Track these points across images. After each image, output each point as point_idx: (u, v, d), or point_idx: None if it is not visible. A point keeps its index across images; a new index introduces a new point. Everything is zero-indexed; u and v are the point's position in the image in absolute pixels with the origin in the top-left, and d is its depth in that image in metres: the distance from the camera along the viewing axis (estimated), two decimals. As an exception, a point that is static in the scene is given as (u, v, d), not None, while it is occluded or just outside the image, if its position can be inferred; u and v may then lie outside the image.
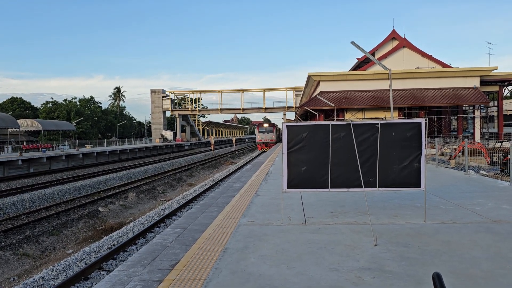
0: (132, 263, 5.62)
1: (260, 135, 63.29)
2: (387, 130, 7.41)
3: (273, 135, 62.03)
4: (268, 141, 62.26)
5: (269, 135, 62.17)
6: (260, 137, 63.27)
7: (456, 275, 4.81)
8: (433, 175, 14.71)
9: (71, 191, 22.29)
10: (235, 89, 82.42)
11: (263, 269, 5.18)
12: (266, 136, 62.09)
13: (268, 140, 62.18)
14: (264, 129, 62.98)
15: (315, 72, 43.28)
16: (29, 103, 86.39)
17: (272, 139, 62.02)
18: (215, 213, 8.90)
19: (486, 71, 42.21)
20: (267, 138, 62.26)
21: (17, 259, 11.64)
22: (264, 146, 62.36)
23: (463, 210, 8.47)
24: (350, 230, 7.05)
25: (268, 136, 62.21)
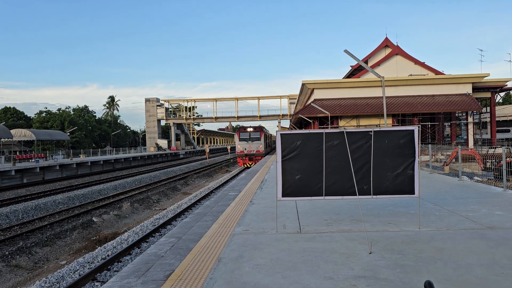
0: (126, 274, 5.58)
1: (242, 144, 44.08)
2: (380, 137, 7.45)
3: (260, 143, 43.47)
4: (253, 153, 43.49)
5: (254, 144, 43.64)
6: (242, 147, 44.04)
7: (451, 282, 4.81)
8: (427, 182, 14.77)
9: (64, 201, 22.12)
10: (230, 97, 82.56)
11: (258, 278, 5.15)
12: (250, 145, 43.66)
13: (253, 151, 43.51)
14: (247, 135, 44.24)
15: (309, 80, 43.51)
16: (22, 112, 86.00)
17: (259, 150, 43.42)
18: (210, 222, 8.86)
19: (478, 78, 42.66)
20: (251, 148, 43.58)
21: (10, 271, 11.50)
22: (248, 161, 43.62)
23: (457, 217, 8.50)
24: (345, 238, 7.05)
25: (253, 146, 43.53)
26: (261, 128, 45.64)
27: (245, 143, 43.36)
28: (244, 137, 43.85)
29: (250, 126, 44.83)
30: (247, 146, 43.40)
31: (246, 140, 43.53)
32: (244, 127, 45.34)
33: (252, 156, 43.22)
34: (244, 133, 44.18)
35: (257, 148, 43.40)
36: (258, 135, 43.88)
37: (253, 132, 44.13)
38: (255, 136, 43.81)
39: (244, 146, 43.58)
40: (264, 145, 45.18)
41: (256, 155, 43.17)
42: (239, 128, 46.14)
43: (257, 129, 44.86)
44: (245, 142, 43.37)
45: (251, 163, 42.61)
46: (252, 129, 44.43)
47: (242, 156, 43.96)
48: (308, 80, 43.44)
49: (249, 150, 43.35)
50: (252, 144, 43.33)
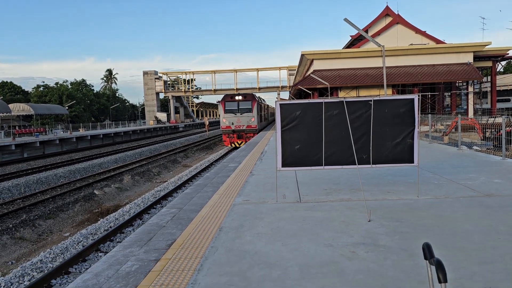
0: (128, 244, 5.66)
1: (228, 117, 33.67)
2: (380, 107, 7.41)
3: (251, 116, 33.49)
4: (243, 129, 33.46)
5: (244, 117, 33.50)
6: (228, 121, 33.66)
7: (449, 248, 4.89)
8: (426, 152, 14.82)
9: (66, 175, 22.25)
10: (229, 69, 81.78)
11: (259, 246, 5.24)
12: (239, 119, 33.46)
13: (243, 126, 33.44)
14: (234, 106, 33.77)
15: (309, 50, 42.96)
16: (19, 87, 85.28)
17: (250, 125, 33.44)
18: (210, 193, 8.94)
19: (480, 47, 42.12)
20: (240, 122, 33.47)
21: (15, 243, 11.69)
22: (236, 139, 33.71)
23: (456, 185, 8.57)
24: (344, 206, 7.12)
25: (243, 120, 33.46)
26: (253, 96, 34.54)
27: (232, 116, 33.08)
28: (230, 108, 33.24)
29: (238, 94, 34.09)
30: (235, 120, 33.03)
31: (233, 112, 33.13)
32: (230, 95, 34.23)
33: (241, 133, 33.18)
34: (231, 103, 33.37)
35: (248, 123, 32.97)
36: (249, 105, 33.21)
37: (243, 101, 33.27)
38: (245, 106, 33.21)
39: (230, 120, 33.12)
40: (258, 118, 34.20)
41: (247, 132, 33.13)
42: (224, 96, 33.72)
43: (248, 97, 33.75)
44: (232, 115, 33.06)
45: (241, 142, 33.15)
46: (241, 97, 33.42)
47: (228, 132, 33.46)
48: (308, 51, 42.89)
49: (237, 125, 33.02)
50: (242, 117, 32.96)
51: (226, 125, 33.32)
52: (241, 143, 33.09)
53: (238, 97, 33.62)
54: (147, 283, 4.27)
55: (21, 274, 8.53)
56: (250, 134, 33.06)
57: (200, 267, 4.62)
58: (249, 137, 32.27)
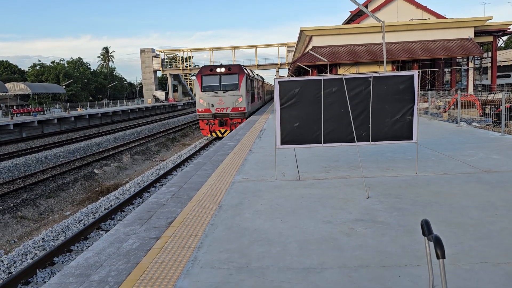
0: (129, 222, 5.70)
1: (206, 97, 24.83)
2: (379, 83, 7.35)
3: (238, 96, 24.76)
4: (227, 112, 24.82)
5: (229, 97, 24.78)
6: (206, 103, 24.91)
7: (447, 224, 4.94)
8: (426, 128, 14.81)
9: (65, 154, 22.26)
10: (227, 47, 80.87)
11: (258, 223, 5.28)
12: (221, 99, 24.76)
13: (227, 109, 24.75)
14: (215, 81, 24.90)
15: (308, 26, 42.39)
16: (15, 66, 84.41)
17: (237, 107, 24.75)
18: (209, 171, 8.96)
19: (481, 22, 41.56)
20: (223, 104, 24.79)
21: (16, 222, 11.79)
22: (218, 127, 25.12)
23: (454, 161, 8.59)
24: (343, 184, 7.15)
25: (227, 100, 24.80)
26: (240, 68, 24.87)
27: (212, 96, 24.19)
28: (210, 85, 24.27)
29: (221, 65, 24.66)
30: (216, 100, 24.20)
31: (213, 89, 24.27)
32: (210, 67, 24.82)
33: (225, 119, 24.39)
34: (210, 77, 24.32)
35: (234, 104, 24.19)
36: (235, 80, 24.31)
37: (227, 75, 24.34)
38: (229, 81, 24.38)
39: (210, 100, 24.21)
40: (248, 98, 25.58)
41: (233, 117, 24.33)
42: (202, 68, 24.92)
43: (234, 70, 24.49)
44: (212, 94, 24.20)
45: (224, 131, 24.71)
46: (224, 70, 24.35)
47: (207, 118, 24.40)
48: (307, 27, 42.31)
49: (219, 108, 24.22)
50: (225, 96, 24.17)
51: (203, 108, 24.10)
52: (224, 132, 24.58)
53: (220, 69, 24.16)
54: (148, 261, 4.32)
55: (24, 253, 8.63)
56: (237, 119, 24.38)
57: (200, 245, 4.66)
58: (236, 124, 24.08)
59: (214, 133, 25.18)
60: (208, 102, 24.53)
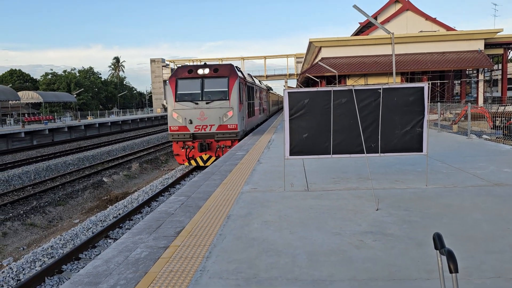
0: (138, 231, 5.72)
1: (181, 110, 16.98)
2: (389, 95, 7.34)
3: (228, 108, 16.95)
4: (212, 132, 17.05)
5: (214, 109, 16.92)
6: (182, 118, 16.99)
7: (457, 237, 4.88)
8: (435, 140, 14.71)
9: (75, 162, 22.46)
10: (236, 57, 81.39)
11: (267, 234, 5.27)
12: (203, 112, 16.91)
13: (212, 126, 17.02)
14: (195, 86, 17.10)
15: (317, 38, 42.58)
16: (28, 75, 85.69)
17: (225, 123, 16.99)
18: (218, 181, 8.98)
19: (491, 34, 41.43)
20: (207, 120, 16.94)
21: (26, 229, 11.88)
22: (198, 152, 17.37)
23: (465, 174, 8.51)
24: (352, 195, 7.12)
25: (212, 114, 16.93)
26: (231, 69, 17.88)
27: (190, 108, 17.18)
28: (187, 92, 17.38)
29: (205, 64, 17.77)
30: (196, 114, 17.17)
31: (193, 98, 17.28)
32: (188, 68, 17.75)
33: (208, 141, 17.44)
34: (188, 82, 17.39)
35: (222, 120, 17.22)
36: (223, 86, 17.36)
37: (212, 79, 17.38)
38: (216, 87, 17.41)
39: (187, 114, 17.22)
40: (242, 110, 18.54)
41: (220, 138, 17.33)
42: (177, 69, 18.00)
43: (222, 71, 17.54)
44: (191, 105, 17.19)
45: (208, 157, 17.66)
46: (208, 71, 17.37)
47: (182, 139, 17.41)
48: (316, 38, 42.50)
49: (200, 126, 17.24)
50: (209, 109, 17.16)
51: (178, 125, 17.00)
52: (208, 159, 17.40)
53: (202, 70, 17.09)
54: (157, 270, 4.32)
55: (33, 260, 8.68)
56: (225, 142, 17.19)
57: (209, 255, 4.66)
58: (225, 148, 17.20)
59: (194, 161, 17.35)
60: (184, 117, 16.69)
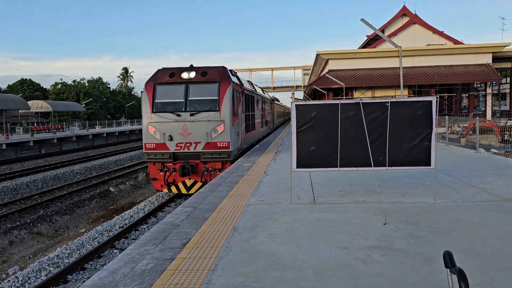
0: (144, 242, 5.72)
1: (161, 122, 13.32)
2: (397, 108, 7.33)
3: (217, 122, 13.26)
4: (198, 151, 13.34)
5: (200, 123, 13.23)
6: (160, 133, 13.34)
7: (466, 253, 4.82)
8: (443, 154, 14.61)
9: (82, 171, 22.58)
10: (243, 69, 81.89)
11: (273, 247, 5.24)
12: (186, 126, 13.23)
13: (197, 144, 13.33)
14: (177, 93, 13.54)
15: (324, 50, 42.77)
16: (38, 84, 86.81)
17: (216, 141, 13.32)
18: (224, 192, 8.97)
19: (499, 48, 41.36)
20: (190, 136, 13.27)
21: (32, 238, 11.91)
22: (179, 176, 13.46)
23: (473, 189, 8.43)
24: (359, 209, 7.07)
25: (197, 128, 13.24)
26: (223, 72, 14.04)
27: (171, 121, 13.44)
28: (167, 101, 13.83)
29: (191, 66, 14.05)
30: (177, 129, 13.43)
31: (174, 109, 13.64)
32: (169, 71, 14.06)
33: (193, 162, 13.67)
34: (169, 88, 13.81)
35: (210, 137, 13.44)
36: (212, 94, 13.64)
37: (198, 84, 13.71)
38: (203, 95, 13.73)
39: (166, 128, 13.49)
40: (237, 124, 14.79)
41: (208, 158, 13.61)
42: (157, 72, 14.17)
43: (212, 75, 13.82)
44: (171, 117, 13.44)
45: (192, 183, 13.98)
46: (194, 74, 13.77)
47: (161, 160, 13.70)
48: (323, 51, 42.69)
49: (183, 144, 13.48)
50: (194, 123, 13.38)
51: (155, 142, 13.62)
52: (192, 185, 13.99)
53: (187, 74, 13.87)
54: (162, 282, 4.31)
55: (38, 269, 8.69)
56: (215, 164, 13.85)
57: (215, 267, 4.64)
58: (214, 172, 13.74)
59: (175, 187, 14.02)
60: (163, 133, 13.33)
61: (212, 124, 13.41)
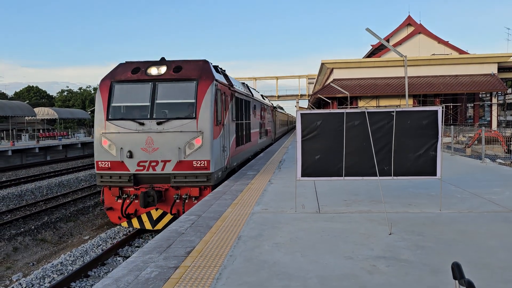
0: (148, 250, 5.70)
1: (116, 132, 10.23)
2: (402, 118, 7.32)
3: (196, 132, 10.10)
4: (169, 173, 10.20)
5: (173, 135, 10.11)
6: (117, 148, 10.26)
7: (473, 265, 4.77)
8: (449, 164, 14.54)
9: (87, 178, 22.63)
10: (248, 77, 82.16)
11: (278, 256, 5.21)
12: (151, 139, 10.11)
13: (166, 164, 10.16)
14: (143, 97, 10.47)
15: (329, 59, 42.89)
16: (44, 91, 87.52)
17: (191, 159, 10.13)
18: (229, 200, 8.95)
19: (504, 58, 41.32)
20: (157, 150, 10.10)
21: (36, 245, 11.92)
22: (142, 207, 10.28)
23: (480, 199, 8.37)
24: (365, 218, 7.03)
25: (167, 141, 10.11)
26: (203, 67, 10.89)
27: (131, 131, 10.29)
28: (128, 104, 10.80)
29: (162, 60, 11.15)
30: (140, 142, 10.25)
31: (135, 115, 10.66)
32: (133, 64, 11.05)
33: (159, 187, 10.53)
34: (130, 87, 10.71)
35: (184, 153, 10.21)
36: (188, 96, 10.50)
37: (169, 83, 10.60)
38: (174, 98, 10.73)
39: (125, 141, 10.31)
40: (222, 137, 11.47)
41: (180, 183, 10.39)
42: (118, 67, 11.10)
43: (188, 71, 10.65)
44: (132, 126, 10.31)
45: (159, 215, 10.73)
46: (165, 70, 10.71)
47: (117, 183, 10.61)
48: (328, 60, 42.81)
49: (147, 163, 10.29)
50: (162, 134, 10.20)
51: (110, 159, 10.51)
52: (160, 218, 10.84)
53: (156, 69, 10.79)
54: (166, 290, 4.28)
55: (42, 276, 8.67)
56: (191, 190, 10.65)
57: (219, 276, 4.61)
58: (191, 201, 10.59)
59: (137, 220, 11.00)
60: (120, 147, 10.37)
61: (186, 137, 10.19)
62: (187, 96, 10.61)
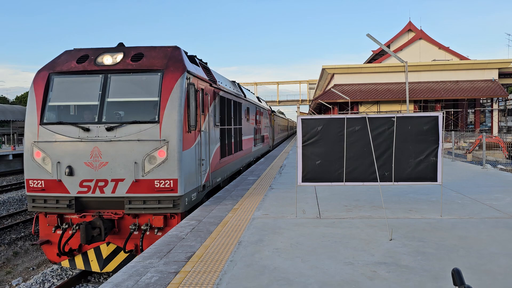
0: (148, 255, 5.70)
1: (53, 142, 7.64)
2: (403, 123, 7.33)
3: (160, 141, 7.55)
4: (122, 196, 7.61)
5: (128, 144, 7.55)
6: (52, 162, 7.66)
7: (474, 271, 4.75)
8: (449, 170, 14.52)
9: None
10: (249, 82, 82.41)
11: (278, 262, 5.20)
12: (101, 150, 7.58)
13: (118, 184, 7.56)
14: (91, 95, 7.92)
15: (330, 64, 42.99)
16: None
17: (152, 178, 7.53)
18: (229, 205, 8.94)
19: (505, 63, 41.39)
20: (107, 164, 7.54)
21: (36, 249, 11.90)
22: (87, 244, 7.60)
23: (481, 205, 8.35)
24: (365, 224, 7.02)
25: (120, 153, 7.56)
26: (172, 54, 8.29)
27: (72, 139, 7.71)
28: (69, 103, 8.29)
29: (118, 46, 8.59)
30: (84, 154, 7.69)
31: (79, 118, 8.15)
32: (80, 51, 8.52)
33: (110, 213, 7.91)
34: (74, 81, 8.16)
35: (142, 171, 7.65)
36: (149, 91, 7.94)
37: (124, 75, 8.09)
38: (134, 96, 8.01)
39: (63, 154, 7.74)
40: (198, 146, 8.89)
41: (137, 208, 7.75)
42: (61, 55, 8.53)
43: (152, 59, 8.14)
44: (73, 133, 7.74)
45: (110, 253, 8.11)
46: (120, 58, 8.21)
47: (54, 210, 7.93)
48: (328, 65, 42.91)
49: (91, 182, 7.70)
50: (113, 145, 7.65)
51: (44, 177, 7.87)
52: (113, 254, 8.15)
53: (110, 58, 8.26)
54: (167, 296, 4.27)
55: (42, 281, 8.66)
56: (152, 219, 7.92)
57: (219, 281, 4.60)
58: (152, 233, 7.91)
59: (80, 258, 8.28)
60: (57, 161, 7.85)
61: (145, 147, 7.73)
62: (148, 92, 7.99)
